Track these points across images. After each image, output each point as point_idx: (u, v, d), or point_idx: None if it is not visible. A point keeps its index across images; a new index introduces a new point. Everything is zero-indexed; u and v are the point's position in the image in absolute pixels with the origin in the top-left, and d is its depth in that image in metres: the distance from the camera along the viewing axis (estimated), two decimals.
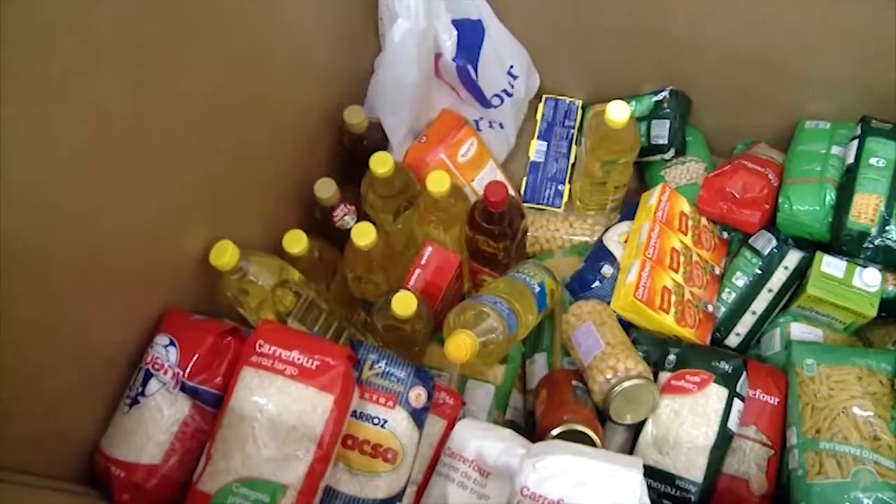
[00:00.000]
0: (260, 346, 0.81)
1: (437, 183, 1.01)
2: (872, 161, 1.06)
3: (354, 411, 0.83)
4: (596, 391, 0.97)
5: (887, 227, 1.03)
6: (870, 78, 1.11)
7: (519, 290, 1.01)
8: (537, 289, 1.03)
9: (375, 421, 0.83)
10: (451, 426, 0.90)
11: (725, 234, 1.15)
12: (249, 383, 0.79)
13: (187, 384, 0.82)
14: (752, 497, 0.97)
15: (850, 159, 1.07)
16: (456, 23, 1.09)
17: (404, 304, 0.94)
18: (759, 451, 0.98)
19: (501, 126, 1.22)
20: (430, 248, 1.07)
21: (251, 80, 0.93)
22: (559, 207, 1.22)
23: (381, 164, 1.03)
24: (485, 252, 1.08)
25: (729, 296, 1.10)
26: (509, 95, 1.20)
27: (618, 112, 1.03)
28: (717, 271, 1.12)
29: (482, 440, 0.86)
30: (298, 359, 0.80)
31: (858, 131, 1.09)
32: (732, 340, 1.10)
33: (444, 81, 1.15)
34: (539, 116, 1.28)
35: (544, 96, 1.30)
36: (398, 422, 0.83)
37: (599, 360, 0.97)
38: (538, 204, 1.22)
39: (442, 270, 1.06)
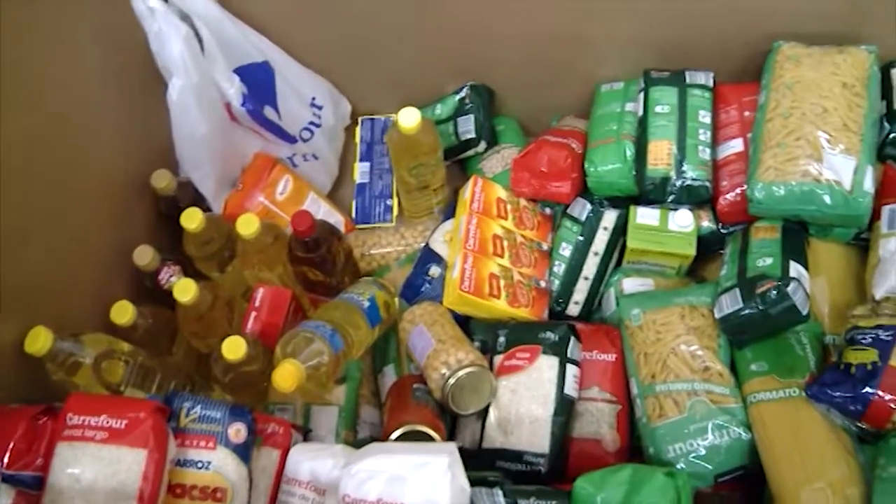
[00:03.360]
0: (70, 418, 0.84)
1: (246, 225, 1.06)
2: (658, 109, 1.13)
3: (178, 460, 0.86)
4: (434, 388, 1.02)
5: (683, 168, 1.09)
6: (648, 33, 1.19)
7: (345, 310, 1.06)
8: (366, 304, 1.08)
9: (199, 465, 0.87)
10: (285, 454, 0.94)
11: (548, 210, 1.21)
12: (64, 457, 0.83)
13: (7, 474, 0.85)
14: (607, 455, 1.02)
15: (640, 112, 1.14)
16: (240, 70, 1.15)
17: (233, 348, 0.99)
18: (606, 409, 1.04)
19: (315, 157, 1.28)
20: (261, 290, 1.11)
21: (43, 161, 0.97)
22: (391, 222, 1.27)
23: (190, 220, 1.08)
24: (314, 281, 1.13)
25: (559, 267, 1.15)
26: (318, 126, 1.26)
27: (407, 118, 1.09)
28: (545, 247, 1.17)
29: (313, 461, 0.91)
30: (107, 422, 0.83)
31: (642, 84, 1.16)
32: (573, 309, 1.15)
33: (246, 126, 1.20)
34: (357, 140, 1.34)
35: (360, 118, 1.36)
36: (222, 460, 0.87)
37: (432, 358, 1.02)
38: (371, 223, 1.28)
39: (276, 308, 1.11)
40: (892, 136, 1.09)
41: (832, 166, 1.02)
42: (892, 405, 0.91)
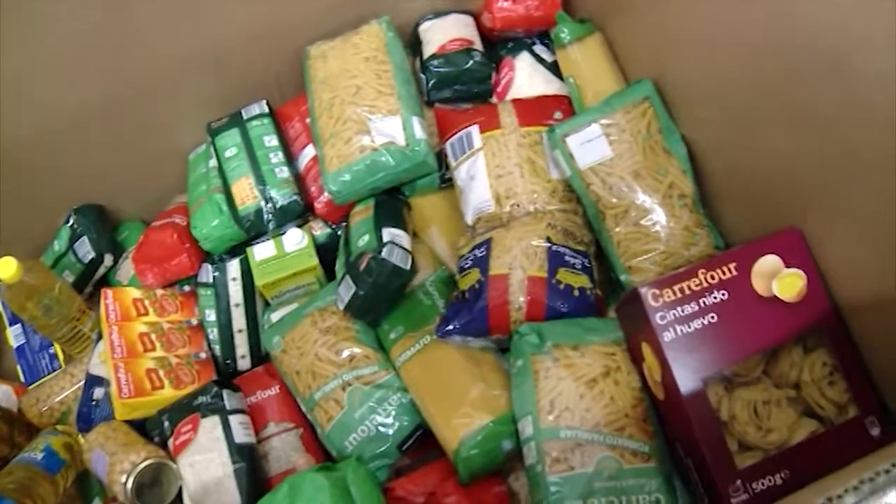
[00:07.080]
0: None
1: None
2: (227, 153, 1.22)
3: None
4: (123, 500, 1.05)
5: (269, 194, 1.18)
6: (208, 91, 1.28)
7: (17, 471, 1.09)
8: (40, 456, 1.11)
9: None
10: None
11: (187, 287, 1.26)
12: None
13: None
14: None
15: (215, 163, 1.22)
16: None
17: None
18: (288, 437, 1.10)
19: None
20: None
21: None
22: (61, 367, 1.31)
23: None
24: None
25: (213, 333, 1.21)
26: None
27: (5, 270, 1.14)
28: (195, 322, 1.23)
29: None
30: None
31: (209, 138, 1.24)
32: (244, 364, 1.21)
33: None
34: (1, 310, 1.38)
35: None
36: None
37: (111, 473, 1.06)
38: (42, 377, 1.31)
39: None
40: (430, 83, 1.22)
41: (381, 131, 1.13)
42: (504, 309, 1.01)
